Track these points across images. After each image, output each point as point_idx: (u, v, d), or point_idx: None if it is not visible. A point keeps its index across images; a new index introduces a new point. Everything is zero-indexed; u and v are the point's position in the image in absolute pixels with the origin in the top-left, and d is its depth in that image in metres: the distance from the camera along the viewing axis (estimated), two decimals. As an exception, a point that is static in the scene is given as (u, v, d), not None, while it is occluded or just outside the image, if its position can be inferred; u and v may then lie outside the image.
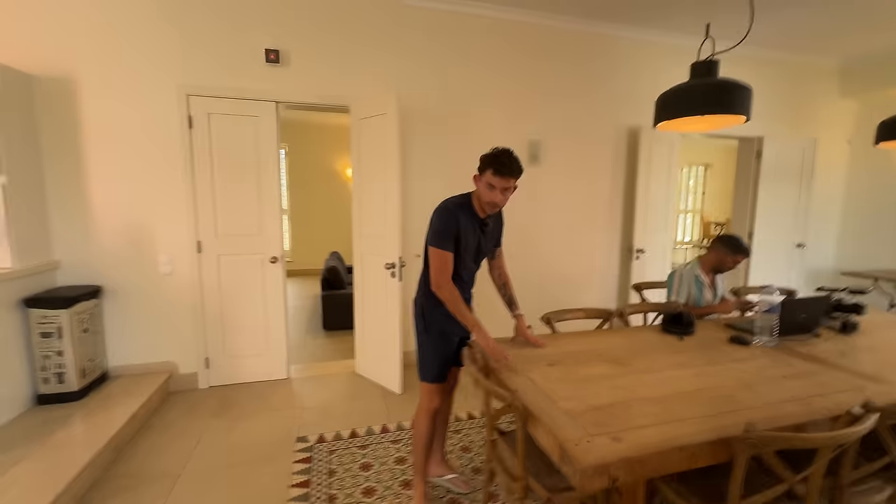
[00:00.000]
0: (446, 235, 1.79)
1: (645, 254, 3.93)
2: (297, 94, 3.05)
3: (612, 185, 3.91)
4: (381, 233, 3.05)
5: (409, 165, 3.35)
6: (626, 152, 3.90)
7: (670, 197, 4.03)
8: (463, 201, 1.86)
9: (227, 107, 2.95)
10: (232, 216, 3.06)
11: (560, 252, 3.84)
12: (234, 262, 3.10)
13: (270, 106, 3.03)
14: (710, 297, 2.66)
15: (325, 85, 3.10)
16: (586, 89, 3.71)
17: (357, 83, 3.16)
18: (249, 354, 3.21)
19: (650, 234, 3.96)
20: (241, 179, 3.05)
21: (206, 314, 3.09)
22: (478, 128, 3.47)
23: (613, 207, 3.94)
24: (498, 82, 3.47)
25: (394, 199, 2.93)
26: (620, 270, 4.05)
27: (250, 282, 3.15)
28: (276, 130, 3.07)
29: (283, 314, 3.25)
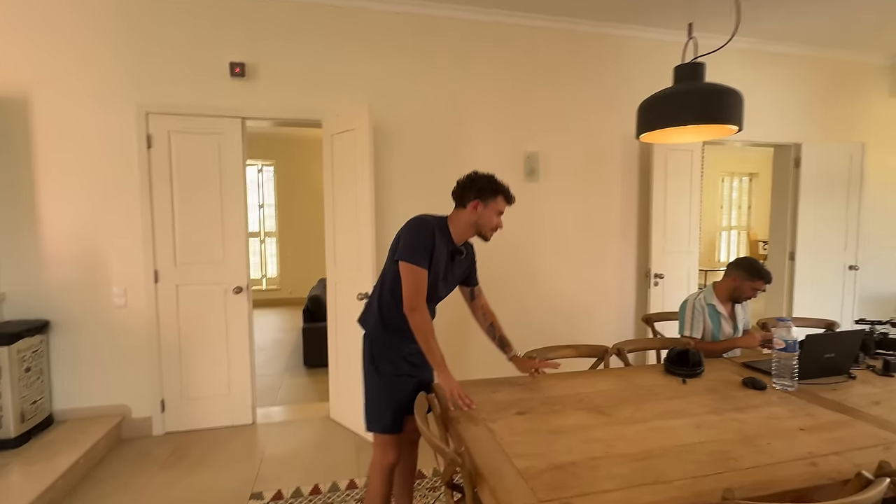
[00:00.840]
0: (422, 250, 1.77)
1: (664, 279, 3.83)
2: (266, 109, 3.14)
3: (623, 201, 3.87)
4: (355, 259, 3.07)
5: (388, 185, 3.39)
6: (639, 164, 3.87)
7: (693, 213, 3.96)
8: (440, 221, 1.87)
9: (190, 124, 3.06)
10: (193, 242, 3.12)
11: (563, 280, 3.78)
12: (194, 293, 3.15)
13: (236, 123, 3.13)
14: (729, 330, 2.56)
15: (295, 98, 3.18)
16: (589, 95, 3.72)
17: (330, 96, 3.24)
18: (210, 396, 3.22)
19: (670, 257, 3.88)
20: (203, 202, 3.12)
21: (163, 351, 3.13)
22: (466, 141, 3.50)
23: (626, 227, 3.89)
24: (488, 90, 3.51)
25: (366, 222, 2.95)
26: (637, 299, 3.96)
27: (212, 315, 3.18)
28: (242, 148, 3.16)
29: (248, 351, 3.26)
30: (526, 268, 3.70)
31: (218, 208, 3.15)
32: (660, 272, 3.84)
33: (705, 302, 2.56)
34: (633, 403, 1.82)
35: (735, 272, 2.49)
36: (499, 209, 1.87)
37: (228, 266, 3.19)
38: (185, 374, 3.18)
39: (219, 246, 3.17)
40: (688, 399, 1.86)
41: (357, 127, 2.95)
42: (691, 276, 4.01)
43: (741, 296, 2.51)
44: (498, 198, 1.87)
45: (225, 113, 3.09)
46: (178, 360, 3.16)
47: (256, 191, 8.01)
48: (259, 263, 8.16)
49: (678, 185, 3.88)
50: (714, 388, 1.99)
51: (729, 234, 9.91)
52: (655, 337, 2.93)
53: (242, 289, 3.21)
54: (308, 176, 7.88)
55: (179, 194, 3.09)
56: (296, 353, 5.25)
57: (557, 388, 1.97)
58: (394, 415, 1.89)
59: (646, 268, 3.94)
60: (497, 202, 1.87)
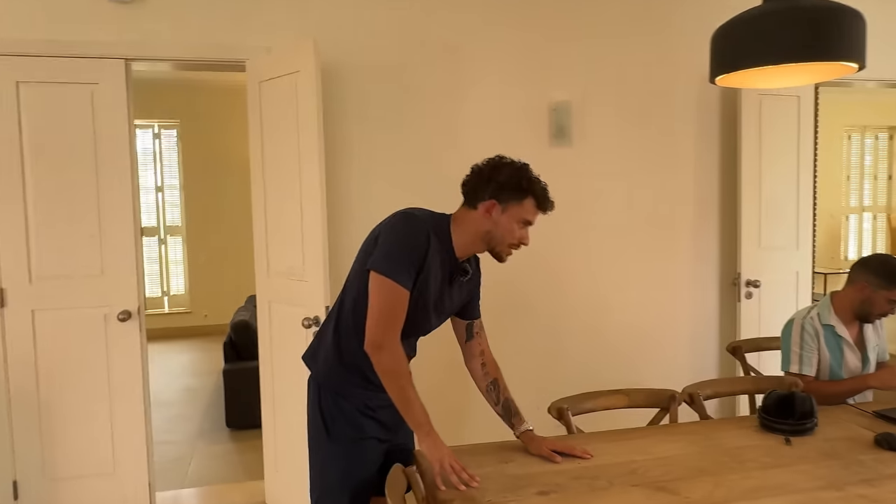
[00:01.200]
0: (407, 261, 1.76)
1: (760, 288, 3.88)
2: (162, 45, 3.16)
3: (697, 174, 3.90)
4: (298, 266, 3.09)
5: (345, 156, 3.40)
6: (720, 118, 3.90)
7: (804, 190, 4.02)
8: (440, 223, 1.87)
9: (49, 70, 3.06)
10: (56, 247, 3.13)
11: (609, 293, 3.82)
12: (59, 322, 3.16)
13: (118, 66, 3.14)
14: (856, 363, 2.59)
15: (205, 28, 3.20)
16: (647, 22, 3.75)
17: (258, 26, 3.25)
18: (86, 476, 3.24)
19: (769, 255, 3.93)
20: (70, 186, 3.13)
21: (14, 409, 3.14)
22: (464, 91, 3.52)
23: (703, 212, 3.93)
24: (494, 16, 3.54)
25: (315, 211, 2.96)
26: (721, 319, 4.00)
27: (87, 353, 3.19)
28: (128, 104, 3.17)
29: (143, 407, 3.28)
30: (554, 275, 3.73)
31: (93, 194, 3.16)
32: (754, 278, 3.87)
33: (820, 322, 2.58)
34: (711, 476, 1.83)
35: (863, 277, 2.52)
36: (524, 218, 1.85)
37: (110, 280, 3.20)
38: (47, 443, 3.18)
39: (95, 251, 3.17)
40: (793, 468, 1.88)
41: (300, 69, 2.97)
42: (802, 282, 4.05)
43: (872, 312, 2.54)
44: (525, 200, 1.84)
45: (101, 52, 3.10)
46: (36, 421, 3.16)
47: (152, 166, 8.04)
48: (158, 275, 8.18)
49: (780, 149, 3.92)
50: (832, 450, 2.00)
51: (860, 220, 10.00)
52: (747, 376, 2.96)
53: (132, 314, 3.22)
54: (229, 142, 7.91)
55: (34, 175, 3.09)
56: (214, 407, 5.27)
57: (600, 453, 1.99)
58: (352, 497, 1.89)
59: (733, 272, 3.96)
60: (523, 207, 1.84)
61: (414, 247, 1.77)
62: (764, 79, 1.94)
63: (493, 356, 2.11)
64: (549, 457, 1.95)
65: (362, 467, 1.91)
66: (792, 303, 3.99)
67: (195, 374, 6.35)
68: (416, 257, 1.77)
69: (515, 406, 2.05)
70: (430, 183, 3.38)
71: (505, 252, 1.88)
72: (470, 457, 1.96)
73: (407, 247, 1.77)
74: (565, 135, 3.66)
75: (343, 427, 1.91)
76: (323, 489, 1.94)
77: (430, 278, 1.84)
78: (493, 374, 2.08)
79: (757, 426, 2.22)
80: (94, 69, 3.12)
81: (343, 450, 1.91)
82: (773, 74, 1.91)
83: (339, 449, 1.91)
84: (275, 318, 3.27)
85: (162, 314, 8.10)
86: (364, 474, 1.91)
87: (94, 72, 3.12)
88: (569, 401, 2.28)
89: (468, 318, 2.08)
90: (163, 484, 3.79)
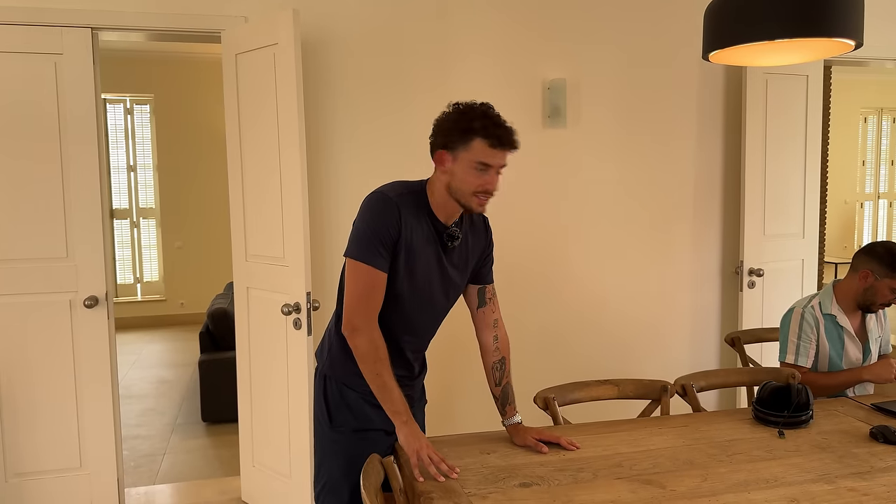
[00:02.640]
0: (376, 240, 1.81)
1: (763, 277, 3.92)
2: (130, 14, 3.15)
3: (699, 157, 3.93)
4: (277, 249, 3.12)
5: (329, 134, 3.43)
6: (724, 99, 3.93)
7: (812, 175, 4.06)
8: (411, 191, 1.90)
9: (8, 39, 3.05)
10: (16, 229, 3.13)
11: (605, 280, 3.86)
12: (20, 309, 3.17)
13: (83, 35, 3.14)
14: (857, 354, 2.64)
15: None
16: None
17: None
18: (51, 472, 3.26)
19: (773, 243, 3.97)
20: (32, 165, 3.13)
21: (-26, 400, 3.16)
22: (454, 67, 3.54)
23: (704, 198, 3.97)
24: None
25: (294, 188, 2.99)
26: (723, 309, 4.05)
27: (51, 343, 3.21)
28: (95, 77, 3.17)
29: (112, 400, 3.30)
30: (547, 263, 3.77)
31: (57, 173, 3.16)
32: (757, 266, 3.92)
33: (820, 311, 2.63)
34: (700, 469, 1.86)
35: (866, 265, 2.56)
36: (477, 160, 1.79)
37: (76, 264, 3.21)
38: (9, 437, 3.20)
39: (59, 233, 3.18)
40: (785, 461, 1.91)
41: (278, 41, 2.98)
42: (808, 271, 4.09)
43: (875, 301, 2.58)
44: (473, 142, 1.78)
45: (65, 20, 3.09)
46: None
47: (123, 143, 8.01)
48: (131, 260, 8.18)
49: (787, 132, 3.94)
50: (826, 442, 2.04)
51: (875, 206, 10.05)
52: (745, 367, 3.01)
53: (99, 300, 3.24)
54: (207, 119, 7.90)
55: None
56: (189, 400, 5.30)
57: (586, 445, 2.02)
58: (353, 489, 1.93)
59: (735, 260, 4.01)
60: (472, 150, 1.79)
61: (381, 226, 1.82)
62: (758, 56, 1.96)
63: (506, 338, 2.14)
64: (534, 446, 1.99)
65: (363, 459, 1.90)
66: (797, 293, 4.04)
67: (170, 365, 6.37)
68: (385, 236, 1.82)
69: (513, 394, 2.09)
70: (416, 162, 3.41)
71: (472, 202, 1.84)
72: (450, 448, 1.99)
73: (373, 228, 1.82)
74: (560, 115, 3.67)
75: (346, 417, 1.96)
76: (325, 481, 1.98)
77: (416, 251, 1.87)
78: (503, 353, 2.10)
79: (751, 419, 2.25)
80: (58, 38, 3.11)
81: (345, 440, 1.95)
82: (767, 51, 1.93)
83: (342, 439, 1.96)
84: (253, 304, 3.30)
85: (135, 302, 8.11)
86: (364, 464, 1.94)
87: (57, 41, 3.11)
88: (555, 390, 2.31)
89: (479, 282, 2.10)
90: (134, 480, 3.82)
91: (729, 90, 3.94)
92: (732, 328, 4.01)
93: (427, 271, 1.92)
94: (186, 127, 7.86)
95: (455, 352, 3.55)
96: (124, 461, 3.98)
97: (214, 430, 4.65)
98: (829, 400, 2.46)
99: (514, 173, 3.60)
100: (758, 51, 1.95)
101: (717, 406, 4.07)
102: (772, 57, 1.96)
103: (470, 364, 3.58)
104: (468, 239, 2.02)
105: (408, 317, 1.95)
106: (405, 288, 1.90)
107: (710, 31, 1.87)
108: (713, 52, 1.89)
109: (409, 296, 1.92)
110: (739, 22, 1.77)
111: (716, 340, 4.07)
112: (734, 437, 2.11)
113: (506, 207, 3.62)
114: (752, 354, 3.20)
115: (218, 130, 7.77)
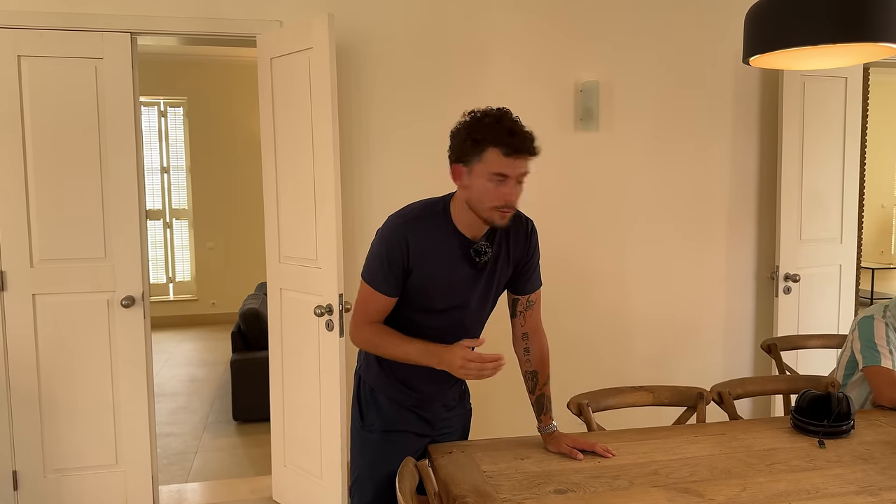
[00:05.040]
0: (385, 270, 1.85)
1: (800, 283, 3.86)
2: (168, 19, 3.21)
3: (734, 161, 3.89)
4: (311, 251, 3.14)
5: (362, 137, 3.45)
6: (759, 101, 3.89)
7: (851, 179, 4.00)
8: (430, 212, 1.89)
9: (52, 44, 3.13)
10: (57, 229, 3.20)
11: (637, 286, 3.83)
12: (60, 307, 3.24)
13: (122, 40, 3.19)
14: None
15: (213, 2, 3.24)
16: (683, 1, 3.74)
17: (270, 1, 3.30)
18: (88, 468, 3.32)
19: (810, 248, 3.92)
20: (73, 166, 3.20)
21: (15, 398, 3.22)
22: (486, 70, 3.54)
23: (739, 202, 3.93)
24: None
25: (328, 195, 3.01)
26: (757, 314, 4.00)
27: (89, 341, 3.27)
28: (133, 80, 3.23)
29: (147, 398, 3.35)
30: (579, 268, 3.75)
31: (96, 175, 3.22)
32: (793, 272, 3.86)
33: None
34: (738, 478, 1.84)
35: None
36: (493, 171, 1.72)
37: (114, 265, 3.27)
38: (48, 433, 3.26)
39: (97, 234, 3.24)
40: (826, 471, 1.88)
41: (313, 45, 3.00)
42: (846, 277, 4.03)
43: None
44: (486, 153, 1.72)
45: (105, 25, 3.15)
46: (36, 411, 3.25)
47: (158, 145, 8.14)
48: (164, 260, 8.31)
49: (824, 135, 3.89)
50: (868, 453, 2.00)
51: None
52: (781, 374, 2.96)
53: (136, 299, 3.29)
54: (239, 121, 7.99)
55: (36, 153, 3.16)
56: (221, 399, 5.36)
57: (622, 452, 2.01)
58: (377, 490, 1.96)
59: (771, 265, 3.95)
60: (486, 161, 1.72)
61: (389, 256, 1.84)
62: (799, 60, 1.93)
63: (547, 348, 2.09)
64: (568, 452, 1.97)
65: (391, 460, 1.93)
66: (834, 298, 3.97)
67: (201, 364, 6.45)
68: (394, 264, 1.84)
69: (549, 404, 2.06)
70: (448, 166, 3.41)
71: (494, 217, 1.78)
72: (484, 452, 1.99)
73: (379, 254, 1.86)
74: (592, 118, 3.66)
75: (375, 418, 2.00)
76: (356, 476, 2.03)
77: (437, 271, 1.87)
78: (535, 365, 2.06)
79: (789, 428, 2.22)
80: (99, 43, 3.17)
81: (373, 440, 2.00)
82: (812, 55, 1.90)
83: (370, 439, 2.00)
84: (286, 305, 3.33)
85: (167, 301, 8.22)
86: (392, 467, 1.90)
87: (98, 45, 3.17)
88: (589, 396, 2.30)
89: (514, 293, 2.07)
90: (166, 477, 3.88)
91: (765, 92, 3.89)
92: (767, 335, 3.95)
93: (456, 291, 1.92)
94: (219, 129, 7.96)
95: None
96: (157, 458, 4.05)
97: (245, 429, 4.70)
98: (871, 410, 2.41)
99: (544, 176, 3.59)
100: (799, 55, 1.92)
101: (751, 413, 4.01)
102: (812, 61, 1.93)
103: (505, 367, 3.56)
104: (507, 246, 1.97)
105: (444, 334, 1.94)
106: (434, 309, 1.92)
107: (752, 35, 1.84)
108: (754, 56, 1.86)
109: (442, 318, 1.94)
110: (782, 26, 1.74)
111: (750, 347, 4.01)
112: (773, 447, 2.08)
113: (535, 210, 3.59)
114: (788, 361, 3.14)
115: (250, 133, 7.84)
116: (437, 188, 1.96)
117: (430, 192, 3.02)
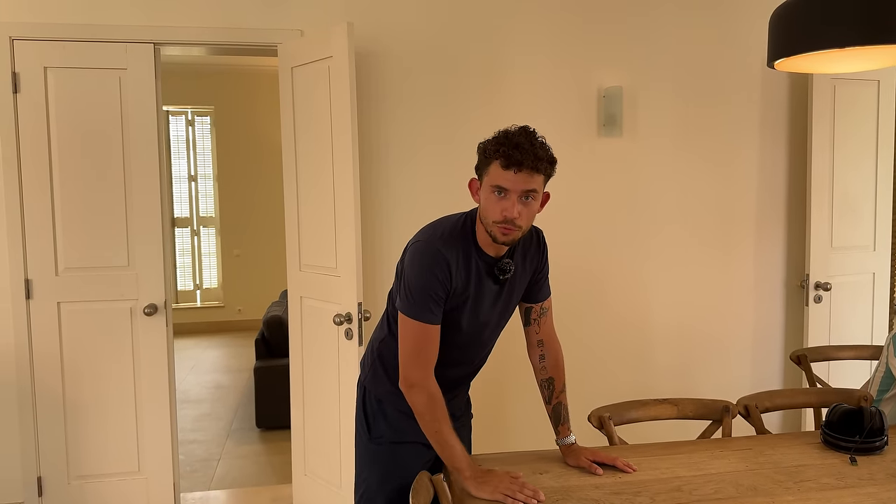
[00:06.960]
0: (427, 296, 1.78)
1: (831, 292, 3.78)
2: (190, 29, 3.24)
3: (762, 168, 3.83)
4: (330, 259, 3.14)
5: (381, 145, 3.44)
6: (788, 106, 3.83)
7: (885, 185, 3.92)
8: (456, 233, 1.85)
9: (77, 55, 3.18)
10: (83, 237, 3.25)
11: (662, 292, 3.78)
12: (84, 315, 3.28)
13: (146, 51, 3.24)
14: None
15: (235, 13, 3.27)
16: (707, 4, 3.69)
17: (290, 7, 3.30)
18: (111, 475, 3.35)
19: (841, 256, 3.85)
20: (98, 175, 3.24)
21: (40, 405, 3.27)
22: (508, 76, 3.52)
23: (767, 209, 3.86)
24: None
25: (348, 204, 3.00)
26: (787, 324, 3.92)
27: (112, 348, 3.31)
28: (157, 90, 3.26)
29: (169, 405, 3.37)
30: (602, 276, 3.71)
31: (120, 184, 3.26)
32: (824, 280, 3.78)
33: None
34: (765, 496, 1.80)
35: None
36: (493, 183, 1.70)
37: (137, 273, 3.30)
38: (72, 440, 3.30)
39: (121, 242, 3.28)
40: (858, 489, 1.83)
41: (333, 54, 3.01)
42: (879, 286, 3.94)
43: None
44: (491, 165, 1.71)
45: (129, 37, 3.19)
46: (61, 417, 3.29)
47: (184, 154, 8.25)
48: (191, 268, 8.40)
49: (856, 139, 3.81)
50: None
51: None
52: (812, 387, 2.89)
53: (158, 308, 3.32)
54: (265, 130, 8.06)
55: (61, 162, 3.21)
56: (245, 406, 5.39)
57: (644, 467, 1.98)
58: (388, 501, 1.94)
59: (801, 273, 3.87)
60: (490, 173, 1.72)
61: (431, 282, 1.78)
62: (826, 63, 1.88)
63: (561, 355, 2.08)
64: (588, 467, 1.93)
65: (402, 472, 1.93)
66: (867, 308, 3.88)
67: (226, 370, 6.50)
68: (437, 290, 1.79)
69: (567, 414, 2.03)
70: (470, 175, 3.38)
71: (495, 232, 1.74)
72: (502, 466, 1.95)
73: (422, 284, 1.79)
74: (615, 124, 3.61)
75: (383, 429, 1.98)
76: (363, 490, 2.00)
77: (469, 294, 1.85)
78: (550, 372, 2.05)
79: (819, 443, 2.15)
80: (122, 54, 3.21)
81: (382, 452, 1.98)
82: (839, 58, 1.85)
83: (379, 451, 1.98)
84: (306, 313, 3.32)
85: (194, 308, 8.31)
86: (403, 479, 1.93)
87: (122, 56, 3.22)
88: (611, 409, 2.25)
89: (527, 301, 2.05)
90: (190, 485, 3.89)
91: (793, 96, 3.81)
92: (797, 345, 3.87)
93: (481, 310, 1.90)
94: (245, 138, 8.04)
95: (507, 365, 3.51)
96: (180, 465, 4.07)
97: (268, 436, 4.71)
98: (906, 426, 2.33)
99: (566, 182, 3.56)
100: (826, 58, 1.87)
101: (780, 428, 3.92)
102: (841, 64, 1.87)
103: (521, 378, 3.53)
104: (525, 260, 1.96)
105: (459, 354, 1.94)
106: (459, 329, 1.90)
107: (777, 38, 1.80)
108: (779, 59, 1.81)
109: (462, 336, 1.92)
110: (808, 29, 1.69)
111: (779, 358, 3.93)
112: (802, 463, 2.01)
113: (556, 218, 3.57)
114: (819, 373, 3.07)
115: (276, 141, 7.91)
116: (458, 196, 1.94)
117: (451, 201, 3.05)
